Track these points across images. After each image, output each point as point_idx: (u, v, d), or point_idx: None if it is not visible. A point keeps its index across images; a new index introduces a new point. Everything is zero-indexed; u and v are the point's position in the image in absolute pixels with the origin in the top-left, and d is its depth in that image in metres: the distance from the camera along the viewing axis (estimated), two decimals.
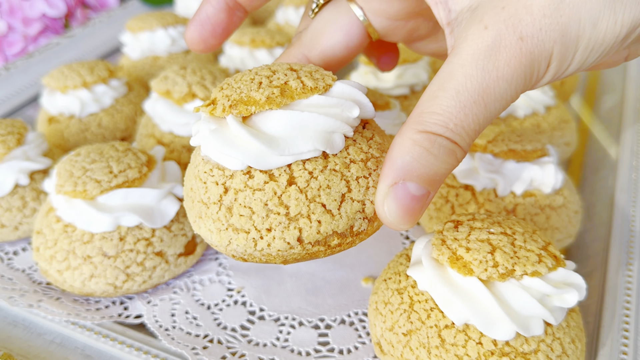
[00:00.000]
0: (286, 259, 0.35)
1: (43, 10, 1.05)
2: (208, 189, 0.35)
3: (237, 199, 0.34)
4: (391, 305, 0.43)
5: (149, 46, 0.84)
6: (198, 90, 0.63)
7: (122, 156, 0.53)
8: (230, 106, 0.34)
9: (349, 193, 0.34)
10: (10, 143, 0.58)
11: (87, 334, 0.49)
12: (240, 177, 0.34)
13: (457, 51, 0.32)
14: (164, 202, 0.53)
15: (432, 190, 0.33)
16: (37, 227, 0.54)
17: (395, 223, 0.33)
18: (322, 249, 0.34)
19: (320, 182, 0.34)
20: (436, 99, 0.32)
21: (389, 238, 0.60)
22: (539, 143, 0.55)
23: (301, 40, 0.43)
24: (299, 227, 0.33)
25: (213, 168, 0.35)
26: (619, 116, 0.78)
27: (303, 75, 0.36)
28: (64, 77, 0.69)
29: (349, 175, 0.35)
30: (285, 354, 0.47)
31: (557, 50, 0.31)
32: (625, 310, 0.49)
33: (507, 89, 0.31)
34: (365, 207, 0.35)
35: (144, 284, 0.52)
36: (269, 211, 0.33)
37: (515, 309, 0.38)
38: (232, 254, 0.35)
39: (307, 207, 0.33)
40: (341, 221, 0.34)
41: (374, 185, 0.35)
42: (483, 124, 0.32)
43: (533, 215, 0.53)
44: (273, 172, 0.34)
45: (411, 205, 0.32)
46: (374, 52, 0.50)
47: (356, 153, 0.35)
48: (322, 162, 0.34)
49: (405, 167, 0.32)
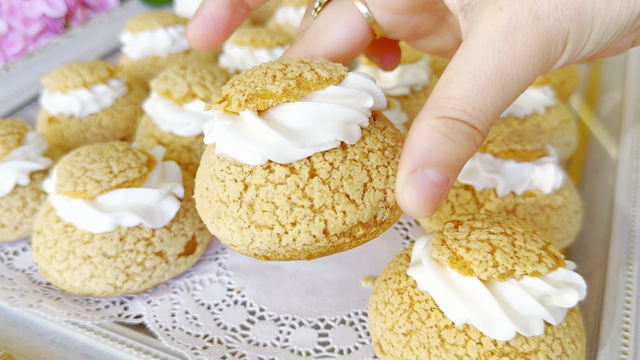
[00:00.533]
0: (311, 253, 0.34)
1: (43, 10, 1.05)
2: (227, 187, 0.34)
3: (259, 194, 0.33)
4: (391, 305, 0.43)
5: (149, 46, 0.84)
6: (198, 90, 0.63)
7: (122, 156, 0.53)
8: (247, 100, 0.34)
9: (371, 182, 0.34)
10: (10, 143, 0.58)
11: (87, 334, 0.49)
12: (260, 172, 0.34)
13: (472, 34, 0.32)
14: (164, 202, 0.53)
15: (451, 176, 0.32)
16: (37, 227, 0.54)
17: (416, 211, 0.32)
18: (347, 240, 0.34)
19: (342, 173, 0.33)
20: (453, 84, 0.31)
21: (389, 238, 0.60)
22: (539, 143, 0.55)
23: (304, 38, 0.42)
24: (325, 218, 0.33)
25: (230, 165, 0.35)
26: (619, 116, 0.78)
27: (316, 67, 0.35)
28: (64, 77, 0.69)
29: (368, 165, 0.34)
30: (285, 354, 0.47)
31: (574, 29, 0.31)
32: (625, 310, 0.49)
33: (524, 70, 0.31)
34: (387, 196, 0.34)
35: (144, 284, 0.52)
36: (292, 205, 0.33)
37: (515, 309, 0.38)
38: (254, 252, 0.34)
39: (332, 198, 0.33)
40: (365, 211, 0.33)
41: (393, 173, 0.35)
42: (501, 107, 0.32)
43: (533, 215, 0.53)
44: (294, 165, 0.33)
45: (431, 192, 0.32)
46: (377, 51, 0.50)
47: (373, 142, 0.35)
48: (341, 152, 0.34)
49: (424, 153, 0.31)
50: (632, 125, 0.75)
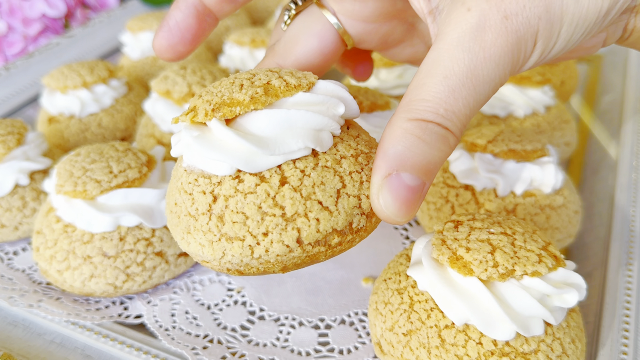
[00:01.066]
0: (285, 264, 0.33)
1: (43, 10, 1.05)
2: (195, 200, 0.33)
3: (228, 205, 0.32)
4: (391, 305, 0.43)
5: (149, 46, 0.84)
6: (198, 90, 0.63)
7: (122, 156, 0.53)
8: (213, 110, 0.33)
9: (344, 188, 0.33)
10: (10, 143, 0.58)
11: (87, 334, 0.49)
12: (229, 182, 0.33)
13: (441, 37, 0.32)
14: (164, 202, 0.53)
15: (427, 180, 0.32)
16: (37, 227, 0.54)
17: (392, 216, 0.32)
18: (322, 249, 0.33)
19: (314, 179, 0.33)
20: (424, 86, 0.31)
21: (389, 238, 0.60)
22: (539, 143, 0.55)
23: (275, 51, 0.42)
24: (297, 227, 0.32)
25: (198, 177, 0.34)
26: (619, 116, 0.78)
27: (284, 75, 0.35)
28: (64, 77, 0.69)
29: (341, 171, 0.34)
30: (285, 354, 0.47)
31: (543, 27, 0.31)
32: (625, 310, 0.49)
33: (495, 70, 0.31)
34: (362, 202, 0.33)
35: (144, 284, 0.52)
36: (263, 214, 0.32)
37: (515, 309, 0.38)
38: (226, 267, 0.33)
39: (304, 206, 0.32)
40: (340, 217, 0.33)
41: (367, 179, 0.34)
42: (474, 108, 0.31)
43: (533, 215, 0.53)
44: (264, 174, 0.33)
45: (407, 196, 0.31)
46: (349, 62, 0.49)
47: (345, 149, 0.35)
48: (312, 160, 0.33)
49: (397, 157, 0.31)
50: (632, 126, 0.75)
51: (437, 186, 0.57)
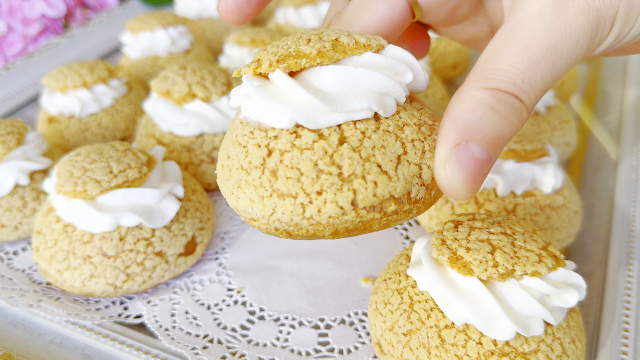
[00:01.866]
0: (337, 228, 0.31)
1: (42, 10, 1.05)
2: (249, 153, 0.32)
3: (283, 160, 0.31)
4: (391, 305, 0.43)
5: (149, 46, 0.84)
6: (198, 90, 0.63)
7: (122, 156, 0.53)
8: (278, 61, 0.32)
9: (405, 155, 0.31)
10: (10, 143, 0.58)
11: (87, 334, 0.49)
12: (286, 136, 0.31)
13: (520, 8, 0.31)
14: (164, 202, 0.53)
15: (493, 155, 0.30)
16: (37, 227, 0.54)
17: (457, 189, 0.30)
18: (377, 216, 0.31)
19: (375, 142, 0.31)
20: (501, 56, 0.30)
21: (389, 238, 0.60)
22: (539, 143, 0.55)
23: (342, 18, 0.40)
24: (353, 188, 0.30)
25: (254, 130, 0.32)
26: (619, 116, 0.78)
27: (354, 33, 0.33)
28: (64, 77, 0.69)
29: (403, 137, 0.32)
30: (285, 354, 0.47)
31: (623, 9, 0.30)
32: (625, 310, 0.49)
33: (574, 47, 0.30)
34: (422, 172, 0.32)
35: (144, 284, 0.52)
36: (319, 171, 0.30)
37: (515, 309, 0.38)
38: (275, 226, 0.32)
39: (362, 167, 0.30)
40: (399, 184, 0.31)
41: (430, 149, 0.32)
42: (549, 84, 0.30)
43: (533, 215, 0.53)
44: (322, 132, 0.31)
45: (474, 170, 0.29)
46: (407, 37, 0.48)
47: (409, 117, 0.33)
48: (374, 123, 0.32)
49: (468, 126, 0.29)
50: (632, 125, 0.75)
51: None
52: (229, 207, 0.65)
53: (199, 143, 0.64)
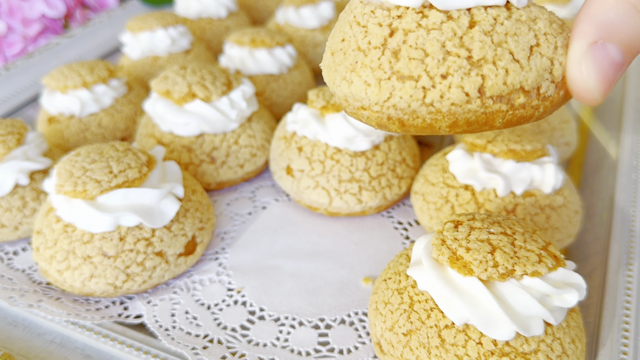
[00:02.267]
0: (457, 119, 0.29)
1: (42, 10, 1.05)
2: (369, 32, 0.30)
3: (407, 40, 0.29)
4: (391, 305, 0.43)
5: (149, 46, 0.84)
6: (198, 90, 0.63)
7: (122, 156, 0.53)
8: None
9: (538, 47, 0.30)
10: (10, 143, 0.58)
11: (87, 334, 0.49)
12: (411, 16, 0.29)
13: None
14: (164, 202, 0.53)
15: (628, 60, 0.28)
16: (37, 227, 0.54)
17: (589, 90, 0.28)
18: (503, 107, 0.29)
19: (507, 28, 0.29)
20: None
21: (389, 238, 0.60)
22: (539, 143, 0.55)
23: None
24: (482, 74, 0.28)
25: (376, 9, 0.30)
26: (619, 116, 0.78)
27: None
28: (64, 77, 0.69)
29: (536, 29, 0.30)
30: (285, 354, 0.47)
31: None
32: (625, 310, 0.49)
33: None
34: (554, 68, 0.30)
35: (144, 284, 0.52)
36: (446, 53, 0.28)
37: (515, 309, 0.38)
38: (389, 113, 0.29)
39: (494, 52, 0.28)
40: (530, 74, 0.29)
41: (562, 46, 0.30)
42: None
43: (533, 215, 0.53)
44: (451, 13, 0.29)
45: (609, 72, 0.28)
46: None
47: (540, 12, 0.31)
48: (506, 11, 0.30)
49: (608, 25, 0.27)
50: (632, 125, 0.75)
51: (436, 186, 0.57)
52: (229, 207, 0.65)
53: (199, 143, 0.64)
